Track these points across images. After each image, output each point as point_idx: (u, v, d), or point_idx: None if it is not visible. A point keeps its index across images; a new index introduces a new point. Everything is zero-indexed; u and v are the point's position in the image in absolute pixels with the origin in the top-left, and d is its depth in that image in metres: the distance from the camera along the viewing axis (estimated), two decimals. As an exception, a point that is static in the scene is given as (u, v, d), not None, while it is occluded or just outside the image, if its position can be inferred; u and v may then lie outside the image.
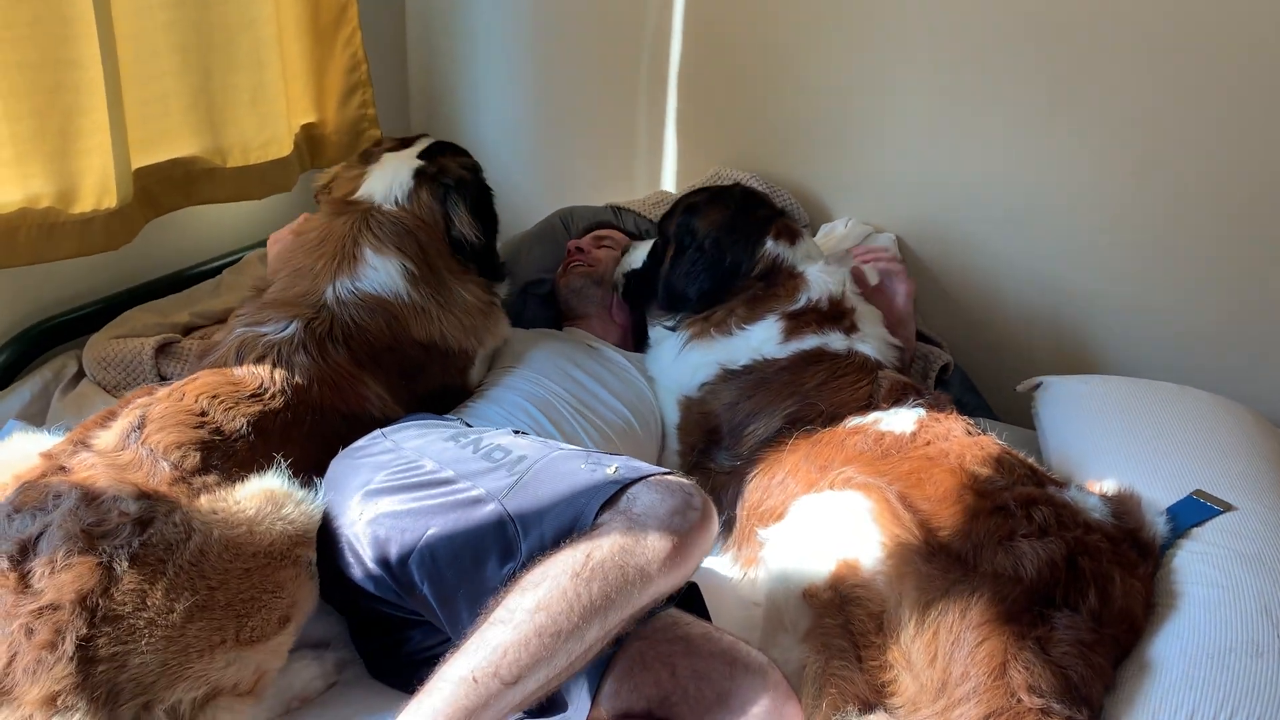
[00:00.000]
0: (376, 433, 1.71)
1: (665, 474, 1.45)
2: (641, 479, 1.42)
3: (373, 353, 1.85)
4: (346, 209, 1.99)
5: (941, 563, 1.48)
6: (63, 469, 1.43)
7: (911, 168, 2.71)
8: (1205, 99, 2.32)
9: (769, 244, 2.19)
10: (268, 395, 1.67)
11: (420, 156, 2.08)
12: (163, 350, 2.16)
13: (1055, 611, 1.42)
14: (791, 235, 2.23)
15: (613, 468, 1.44)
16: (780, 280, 2.17)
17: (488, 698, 1.22)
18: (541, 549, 1.36)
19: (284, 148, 2.65)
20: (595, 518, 1.37)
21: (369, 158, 2.09)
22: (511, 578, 1.34)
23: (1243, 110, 2.29)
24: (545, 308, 2.56)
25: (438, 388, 1.98)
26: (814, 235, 2.71)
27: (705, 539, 1.39)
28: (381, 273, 1.90)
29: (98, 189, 2.11)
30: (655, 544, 1.32)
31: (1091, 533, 1.54)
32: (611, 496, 1.39)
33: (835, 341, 2.05)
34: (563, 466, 1.47)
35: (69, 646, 1.19)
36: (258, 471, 1.52)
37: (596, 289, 2.45)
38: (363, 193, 2.01)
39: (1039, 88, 2.47)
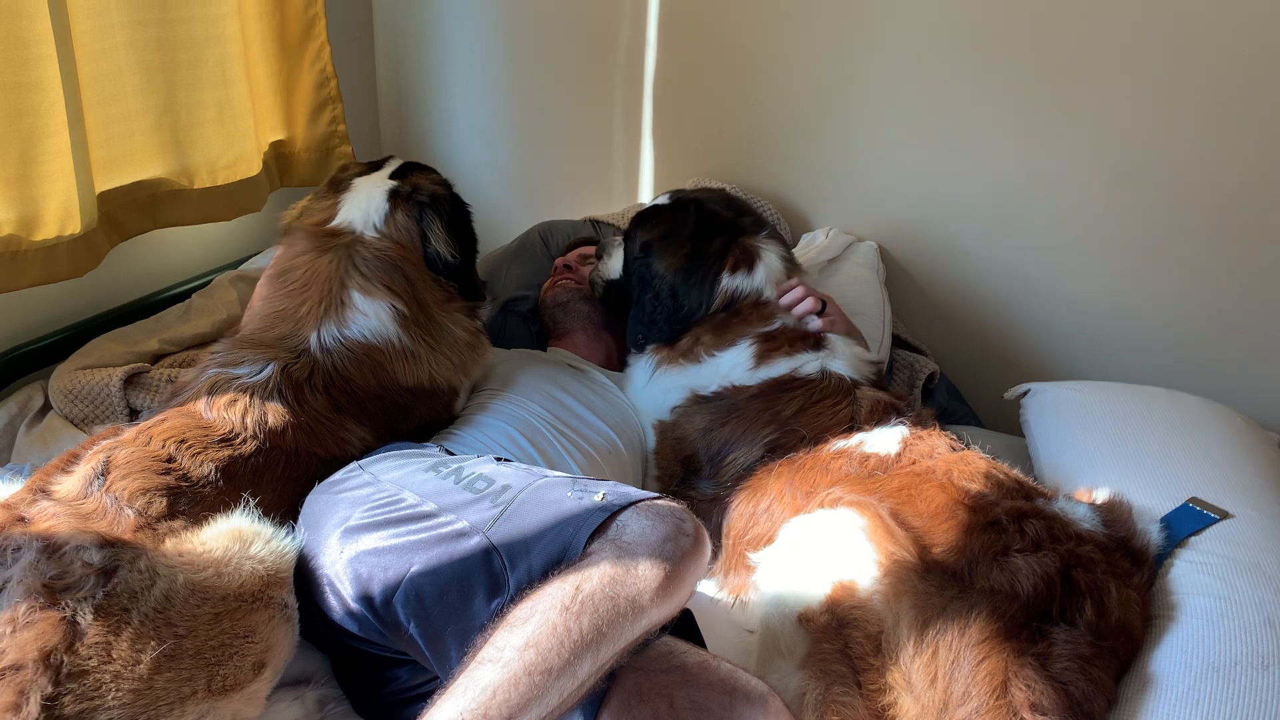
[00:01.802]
0: (353, 465, 1.66)
1: (655, 499, 1.41)
2: (630, 505, 1.38)
3: (355, 400, 1.79)
4: (329, 241, 1.90)
5: (938, 580, 1.46)
6: (22, 519, 1.38)
7: (893, 175, 2.70)
8: (1189, 102, 2.31)
9: (724, 280, 2.11)
10: (238, 440, 1.61)
11: (392, 177, 2.02)
12: (131, 381, 2.11)
13: (1053, 626, 1.40)
14: (750, 262, 2.12)
15: (600, 494, 1.40)
16: (745, 308, 2.10)
17: None
18: (530, 581, 1.32)
19: (252, 167, 2.62)
20: (585, 547, 1.33)
21: (339, 185, 2.01)
22: (500, 613, 1.30)
23: (1226, 113, 2.29)
24: (525, 325, 2.52)
25: (422, 424, 1.93)
26: (795, 246, 2.69)
27: (698, 565, 1.35)
28: (371, 318, 1.83)
29: (61, 214, 2.07)
30: (646, 573, 1.28)
31: (1084, 544, 1.52)
32: (601, 524, 1.35)
33: (808, 364, 2.00)
34: (549, 495, 1.43)
35: (34, 708, 1.14)
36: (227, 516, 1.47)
37: (584, 304, 2.41)
38: (341, 221, 1.93)
39: (1020, 93, 2.47)
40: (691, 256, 2.13)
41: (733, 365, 2.04)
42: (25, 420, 2.09)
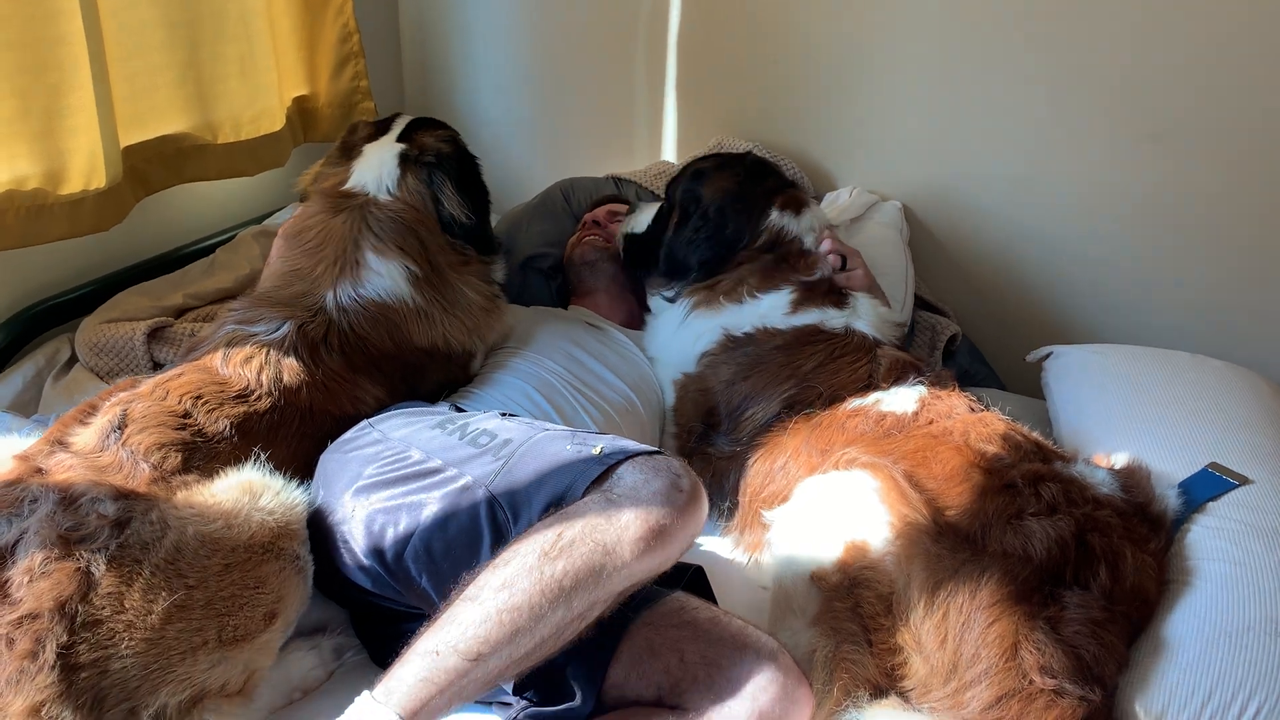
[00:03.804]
0: (364, 423, 1.68)
1: (653, 453, 1.41)
2: (628, 458, 1.39)
3: (371, 359, 1.80)
4: (343, 203, 1.92)
5: (950, 542, 1.46)
6: (39, 471, 1.40)
7: (917, 134, 2.66)
8: (1216, 63, 2.26)
9: (774, 215, 2.15)
10: (254, 397, 1.63)
11: (400, 139, 2.02)
12: (155, 335, 2.14)
13: (1066, 590, 1.40)
14: (798, 206, 2.18)
15: (598, 448, 1.41)
16: (791, 252, 2.13)
17: (451, 673, 1.20)
18: None
19: (275, 122, 2.62)
20: (580, 498, 1.34)
21: (350, 152, 2.02)
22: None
23: (1258, 74, 2.24)
24: (546, 282, 2.52)
25: (438, 385, 1.94)
26: (818, 204, 2.67)
27: (690, 521, 1.35)
28: (385, 278, 1.85)
29: (86, 169, 2.08)
30: (629, 524, 1.29)
31: (1100, 508, 1.52)
32: (599, 476, 1.36)
33: (833, 319, 2.01)
34: (548, 448, 1.45)
35: (50, 655, 1.17)
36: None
37: (611, 264, 2.41)
38: (354, 184, 1.95)
39: (1046, 53, 2.42)
40: (744, 184, 2.19)
41: (771, 307, 2.06)
42: (52, 372, 2.12)
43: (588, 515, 1.30)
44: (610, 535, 1.28)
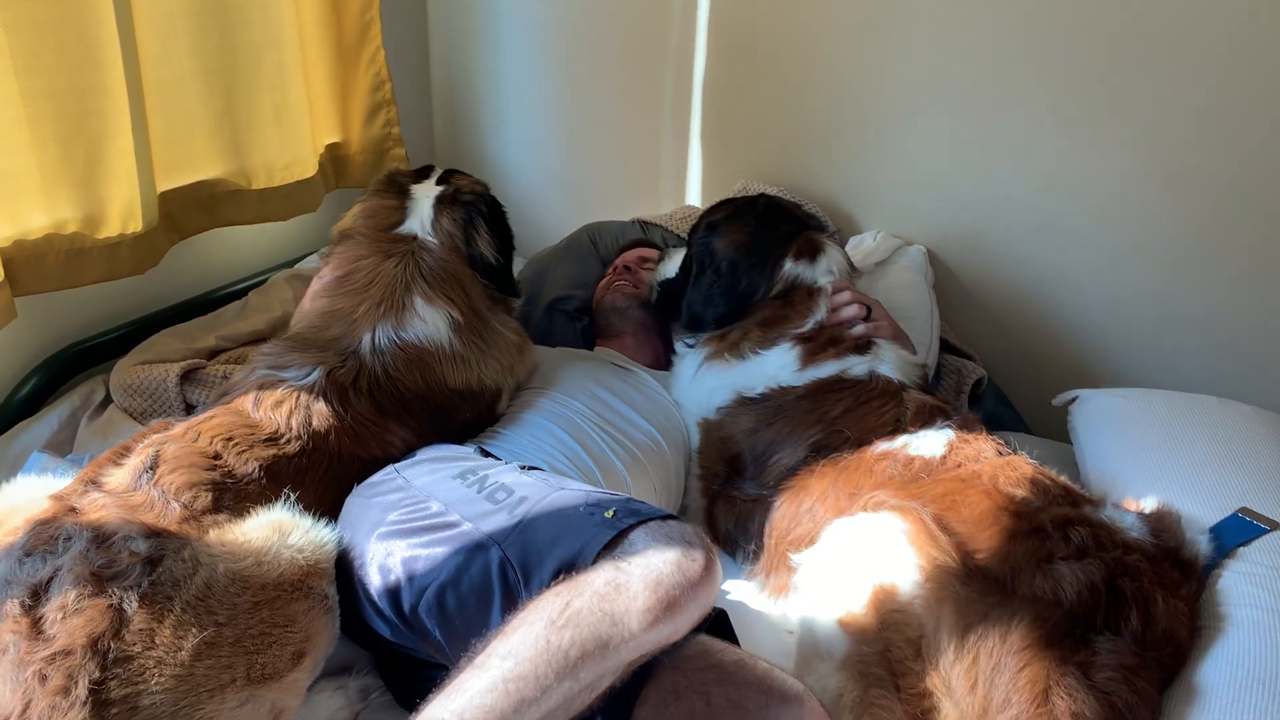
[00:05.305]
0: (390, 468, 1.69)
1: (666, 519, 1.40)
2: (641, 524, 1.37)
3: (400, 402, 1.81)
4: (393, 246, 1.93)
5: (980, 586, 1.44)
6: (73, 510, 1.42)
7: (941, 178, 2.67)
8: (1238, 106, 2.26)
9: (788, 265, 2.14)
10: (283, 440, 1.65)
11: (438, 183, 2.07)
12: (187, 377, 2.16)
13: (1097, 635, 1.39)
14: (813, 252, 2.17)
15: (611, 511, 1.40)
16: (798, 299, 2.12)
17: None
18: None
19: (308, 168, 2.67)
20: (592, 563, 1.33)
21: (403, 191, 2.04)
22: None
23: (1276, 117, 2.24)
24: (571, 324, 2.54)
25: (466, 423, 1.96)
26: (837, 246, 2.68)
27: (701, 593, 1.32)
28: (429, 325, 1.87)
29: (124, 213, 2.13)
30: (638, 595, 1.27)
31: (1131, 553, 1.50)
32: (611, 541, 1.35)
33: (855, 366, 2.00)
34: (562, 509, 1.44)
35: (82, 691, 1.18)
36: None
37: (640, 310, 2.43)
38: (405, 228, 1.97)
39: (1069, 97, 2.43)
40: (755, 235, 2.18)
41: (780, 366, 2.04)
42: (87, 413, 2.15)
43: (596, 584, 1.28)
44: (619, 605, 1.26)
